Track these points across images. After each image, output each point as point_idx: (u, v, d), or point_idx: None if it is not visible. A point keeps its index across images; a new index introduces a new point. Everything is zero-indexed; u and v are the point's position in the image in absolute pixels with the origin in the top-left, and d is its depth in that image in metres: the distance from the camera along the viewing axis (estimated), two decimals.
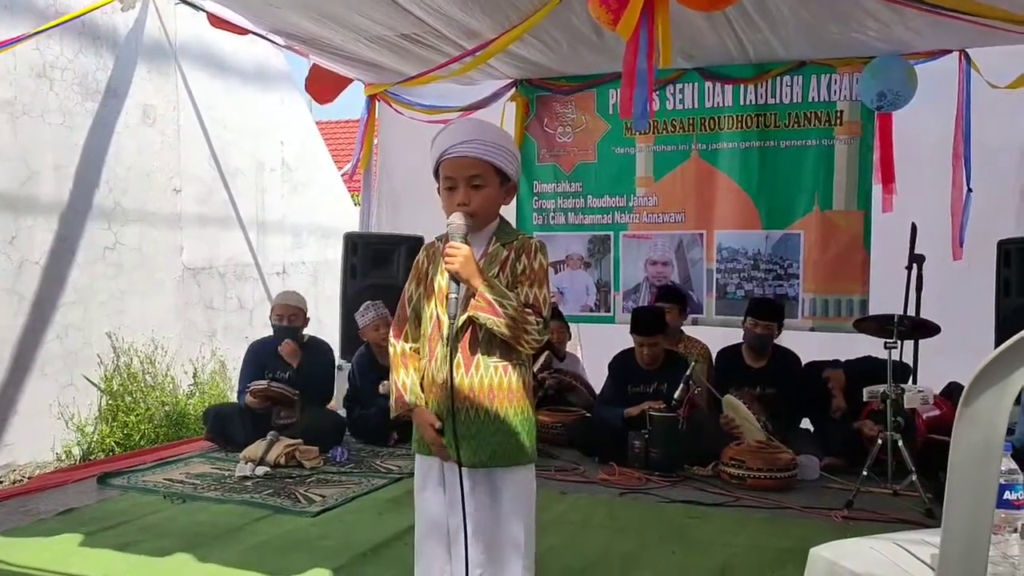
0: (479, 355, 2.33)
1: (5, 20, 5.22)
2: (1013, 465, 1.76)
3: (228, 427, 5.24)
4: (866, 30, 5.31)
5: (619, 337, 5.59)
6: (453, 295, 2.27)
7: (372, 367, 5.58)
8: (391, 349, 2.50)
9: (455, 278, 2.26)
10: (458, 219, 2.31)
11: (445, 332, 2.32)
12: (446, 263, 2.27)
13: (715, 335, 5.97)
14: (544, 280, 2.39)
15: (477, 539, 2.30)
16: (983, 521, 1.45)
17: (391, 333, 2.53)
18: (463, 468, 2.27)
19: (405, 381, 2.43)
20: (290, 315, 5.50)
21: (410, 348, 2.47)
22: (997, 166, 5.67)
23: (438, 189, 2.43)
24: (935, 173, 5.68)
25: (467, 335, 2.32)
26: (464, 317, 2.30)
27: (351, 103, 7.09)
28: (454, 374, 2.28)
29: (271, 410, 5.21)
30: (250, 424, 5.13)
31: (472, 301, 2.27)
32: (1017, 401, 1.74)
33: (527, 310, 2.31)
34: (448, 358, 2.28)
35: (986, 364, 1.45)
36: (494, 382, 2.33)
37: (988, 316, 5.03)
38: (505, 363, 2.34)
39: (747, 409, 4.95)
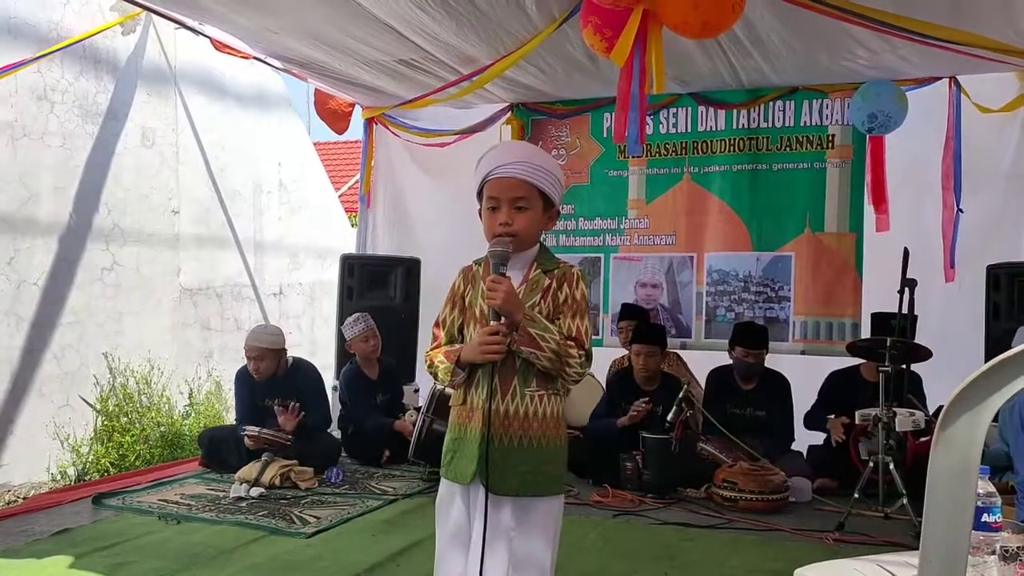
0: (517, 383, 2.30)
1: (8, 43, 5.28)
2: (991, 488, 1.79)
3: (223, 451, 5.25)
4: (856, 58, 5.38)
5: (607, 360, 5.60)
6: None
7: (360, 380, 5.59)
8: (429, 365, 2.41)
9: (497, 312, 2.25)
10: (500, 246, 2.28)
11: None
12: (488, 298, 2.25)
13: (703, 359, 5.98)
14: (586, 311, 2.36)
15: (498, 562, 2.24)
16: (961, 543, 1.48)
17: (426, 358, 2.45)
18: (490, 494, 2.23)
19: (446, 353, 2.36)
20: (255, 356, 5.31)
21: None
22: (987, 191, 5.73)
23: (479, 211, 2.40)
24: (926, 197, 5.74)
25: (507, 363, 2.30)
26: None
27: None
28: (492, 401, 2.27)
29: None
30: (245, 448, 5.13)
31: (515, 335, 2.25)
32: (995, 419, 1.77)
33: (569, 343, 2.29)
34: (487, 384, 2.27)
35: (962, 389, 1.48)
36: (530, 410, 2.29)
37: (979, 340, 5.06)
38: (542, 392, 2.31)
39: (723, 457, 4.96)
